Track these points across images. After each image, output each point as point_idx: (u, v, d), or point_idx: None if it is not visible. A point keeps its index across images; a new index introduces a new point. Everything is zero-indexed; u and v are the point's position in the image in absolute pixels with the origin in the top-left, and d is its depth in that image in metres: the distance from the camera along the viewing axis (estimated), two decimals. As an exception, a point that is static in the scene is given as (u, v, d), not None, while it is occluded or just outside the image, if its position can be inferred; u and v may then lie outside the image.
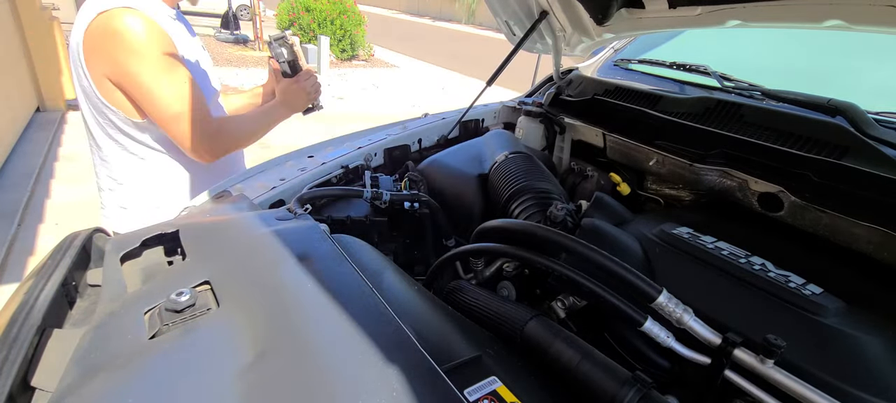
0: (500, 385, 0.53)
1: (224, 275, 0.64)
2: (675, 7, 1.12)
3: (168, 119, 1.15)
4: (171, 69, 1.14)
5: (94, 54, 1.10)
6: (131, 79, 1.11)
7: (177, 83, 1.14)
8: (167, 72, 1.13)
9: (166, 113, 1.14)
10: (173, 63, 1.14)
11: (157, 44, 1.11)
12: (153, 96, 1.12)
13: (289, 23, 9.73)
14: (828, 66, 1.42)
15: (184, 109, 1.14)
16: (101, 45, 1.09)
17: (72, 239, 0.74)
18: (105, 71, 1.11)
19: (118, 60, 1.09)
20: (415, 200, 1.07)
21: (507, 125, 1.85)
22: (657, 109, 1.23)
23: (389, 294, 0.65)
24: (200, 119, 1.17)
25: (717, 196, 1.09)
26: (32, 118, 4.74)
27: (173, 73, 1.14)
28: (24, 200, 3.26)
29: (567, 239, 0.72)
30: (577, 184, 1.39)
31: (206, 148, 1.20)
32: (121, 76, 1.11)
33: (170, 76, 1.13)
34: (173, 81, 1.13)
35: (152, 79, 1.11)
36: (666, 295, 0.64)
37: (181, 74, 1.15)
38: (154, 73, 1.10)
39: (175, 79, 1.14)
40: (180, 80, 1.15)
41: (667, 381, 0.71)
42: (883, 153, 0.85)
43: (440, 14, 27.69)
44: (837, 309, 0.67)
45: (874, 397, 0.56)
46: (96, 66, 1.11)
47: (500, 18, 1.54)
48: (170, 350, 0.50)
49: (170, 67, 1.13)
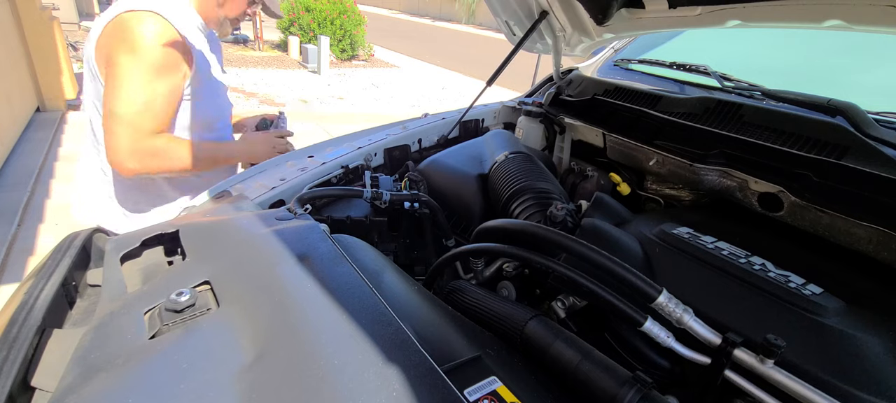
0: (500, 385, 0.53)
1: (224, 275, 0.64)
2: (675, 7, 1.12)
3: (109, 114, 1.12)
4: (154, 78, 1.12)
5: (104, 41, 1.13)
6: (112, 70, 1.11)
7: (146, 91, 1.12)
8: (146, 78, 1.11)
9: (110, 109, 1.12)
10: (160, 74, 1.13)
11: (160, 51, 1.12)
12: (115, 90, 1.11)
13: (289, 22, 9.73)
14: (828, 65, 1.42)
15: (128, 113, 1.11)
16: (112, 36, 1.11)
17: (72, 239, 0.74)
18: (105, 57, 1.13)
19: (115, 50, 1.10)
20: (415, 200, 1.07)
21: (507, 125, 1.85)
22: (657, 109, 1.23)
23: (389, 294, 0.65)
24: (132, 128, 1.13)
25: (717, 196, 1.09)
26: (32, 118, 4.74)
27: (153, 82, 1.12)
28: (24, 200, 3.26)
29: (567, 239, 0.72)
30: (577, 183, 1.40)
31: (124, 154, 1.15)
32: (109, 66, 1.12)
33: (146, 82, 1.11)
34: (144, 88, 1.11)
35: (126, 77, 1.10)
36: (666, 295, 0.64)
37: (159, 87, 1.14)
38: (132, 73, 1.10)
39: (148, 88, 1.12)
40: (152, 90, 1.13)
41: (667, 381, 0.71)
42: (883, 153, 0.85)
43: (440, 14, 27.69)
44: (837, 308, 0.67)
45: (874, 397, 0.56)
46: (101, 52, 1.14)
47: (500, 18, 1.54)
48: (170, 350, 0.50)
49: (153, 75, 1.12)
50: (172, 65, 1.15)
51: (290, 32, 9.85)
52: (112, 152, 1.15)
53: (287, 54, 9.98)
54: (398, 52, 12.65)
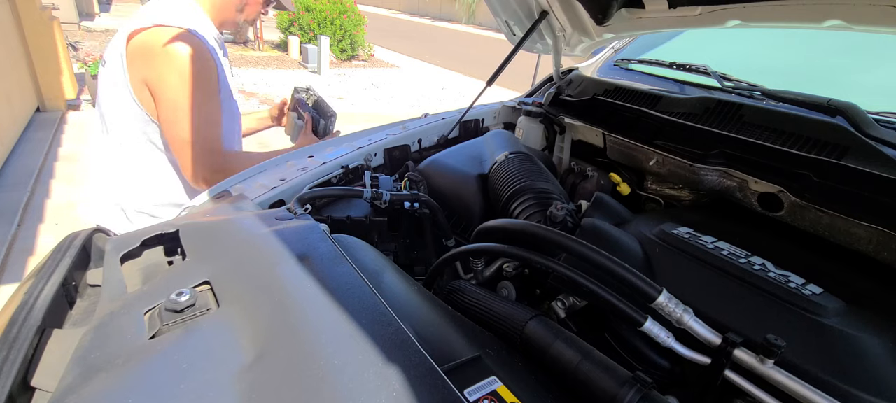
0: (500, 385, 0.53)
1: (224, 275, 0.64)
2: (675, 7, 1.12)
3: (180, 143, 1.18)
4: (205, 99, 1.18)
5: (142, 61, 1.14)
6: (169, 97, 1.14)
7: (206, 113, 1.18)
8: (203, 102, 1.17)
9: (181, 137, 1.18)
10: (209, 93, 1.18)
11: (208, 73, 1.16)
12: (176, 118, 1.16)
13: (289, 22, 9.74)
14: (828, 65, 1.42)
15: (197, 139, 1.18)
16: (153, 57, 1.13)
17: (72, 239, 0.74)
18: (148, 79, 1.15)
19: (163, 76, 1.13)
20: (415, 200, 1.07)
21: (507, 125, 1.85)
22: (657, 109, 1.23)
23: (389, 294, 0.65)
24: (209, 151, 1.21)
25: (717, 196, 1.09)
26: (32, 118, 4.74)
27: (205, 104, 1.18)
28: (24, 200, 3.26)
29: (567, 239, 0.71)
30: (577, 183, 1.39)
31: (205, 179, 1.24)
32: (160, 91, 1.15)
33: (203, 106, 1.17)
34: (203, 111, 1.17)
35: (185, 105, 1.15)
36: (666, 295, 0.64)
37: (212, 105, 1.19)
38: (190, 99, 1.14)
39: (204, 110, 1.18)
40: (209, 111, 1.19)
41: (667, 381, 0.71)
42: (883, 153, 0.85)
43: (440, 14, 27.69)
44: (837, 308, 0.67)
45: (874, 397, 0.56)
46: (139, 71, 1.15)
47: (500, 18, 1.54)
48: (170, 350, 0.50)
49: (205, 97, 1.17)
50: (213, 80, 1.20)
51: (290, 32, 9.85)
52: (191, 178, 1.23)
53: (287, 54, 9.98)
54: (398, 52, 12.65)
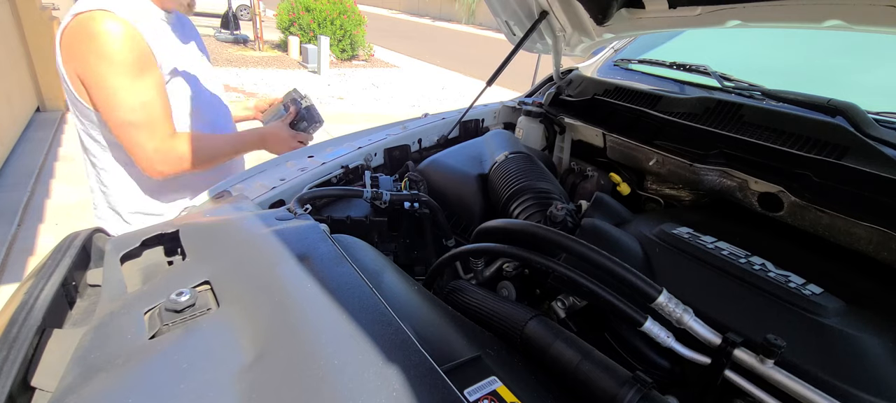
0: (500, 385, 0.53)
1: (224, 275, 0.64)
2: (675, 7, 1.12)
3: (119, 126, 1.12)
4: (138, 77, 1.11)
5: (68, 53, 1.10)
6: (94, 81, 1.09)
7: (138, 91, 1.11)
8: (131, 80, 1.10)
9: (119, 120, 1.11)
10: (142, 71, 1.12)
11: (130, 50, 1.09)
12: (110, 102, 1.10)
13: (289, 22, 9.73)
14: (828, 65, 1.42)
15: (137, 119, 1.12)
16: (76, 45, 1.08)
17: (72, 239, 0.74)
18: (77, 70, 1.11)
19: (88, 62, 1.08)
20: (415, 200, 1.07)
21: (507, 125, 1.85)
22: (657, 109, 1.23)
23: (389, 294, 0.65)
24: (153, 132, 1.14)
25: (717, 196, 1.09)
26: (32, 118, 4.74)
27: (138, 81, 1.11)
28: (24, 200, 3.26)
29: (567, 239, 0.71)
30: (577, 183, 1.40)
31: (156, 162, 1.17)
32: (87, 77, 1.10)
33: (133, 84, 1.10)
34: (135, 90, 1.11)
35: (113, 85, 1.09)
36: (666, 295, 0.64)
37: (147, 83, 1.13)
38: (116, 79, 1.09)
39: (138, 88, 1.11)
40: (143, 89, 1.12)
41: (667, 381, 0.71)
42: (883, 153, 0.85)
43: (440, 14, 27.69)
44: (837, 309, 0.67)
45: (874, 397, 0.56)
46: (70, 65, 1.11)
47: (500, 18, 1.54)
48: (170, 350, 0.50)
49: (136, 75, 1.11)
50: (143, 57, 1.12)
51: (290, 32, 9.85)
52: (140, 160, 1.17)
53: (287, 54, 9.98)
54: (398, 52, 12.65)
